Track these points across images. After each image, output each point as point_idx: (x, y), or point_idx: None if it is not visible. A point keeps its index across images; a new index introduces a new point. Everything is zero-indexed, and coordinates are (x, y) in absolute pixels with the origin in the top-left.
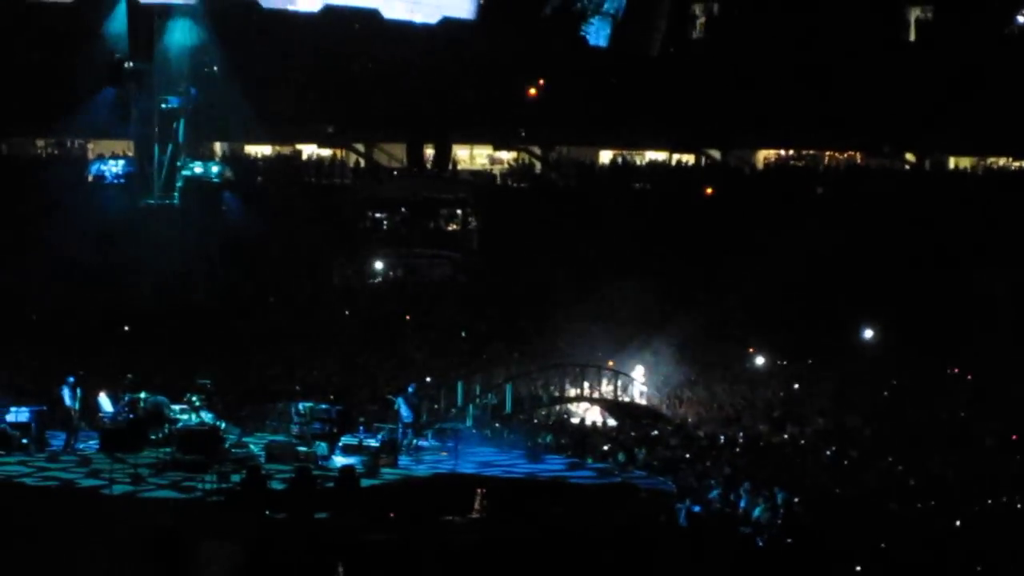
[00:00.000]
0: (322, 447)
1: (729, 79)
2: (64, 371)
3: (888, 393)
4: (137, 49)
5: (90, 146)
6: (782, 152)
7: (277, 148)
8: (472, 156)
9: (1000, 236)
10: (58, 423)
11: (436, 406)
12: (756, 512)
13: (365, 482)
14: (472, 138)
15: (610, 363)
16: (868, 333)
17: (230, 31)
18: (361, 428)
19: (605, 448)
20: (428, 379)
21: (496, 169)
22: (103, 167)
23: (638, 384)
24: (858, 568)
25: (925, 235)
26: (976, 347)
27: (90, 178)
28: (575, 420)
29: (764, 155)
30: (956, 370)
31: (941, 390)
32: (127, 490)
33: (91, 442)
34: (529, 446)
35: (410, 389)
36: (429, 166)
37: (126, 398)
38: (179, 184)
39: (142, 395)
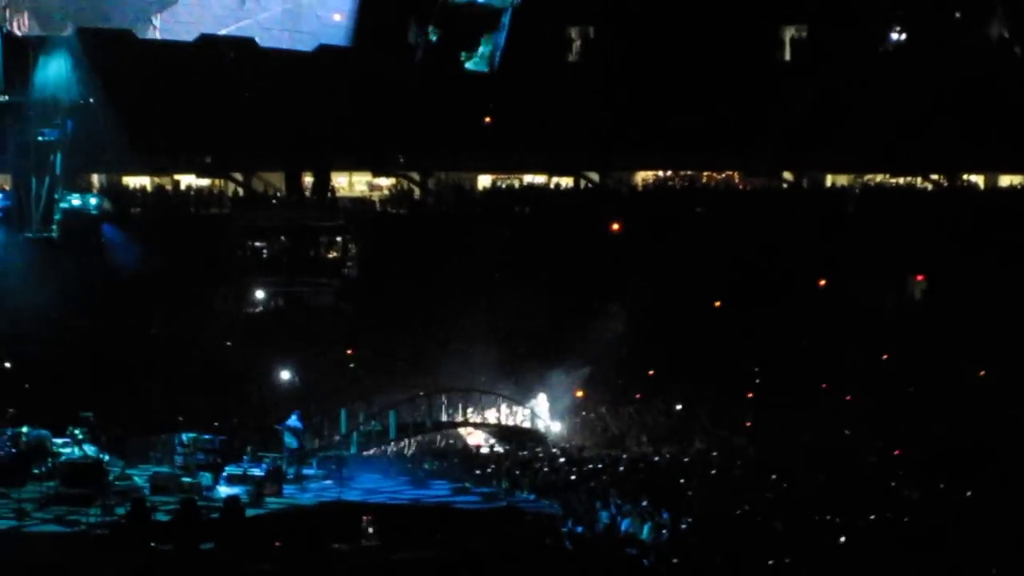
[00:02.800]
0: (206, 478)
1: (606, 102)
2: None
3: (772, 412)
4: (12, 82)
5: None
6: (660, 173)
7: (155, 179)
8: (351, 183)
9: (879, 251)
10: None
11: (320, 434)
12: (643, 534)
13: (250, 512)
14: (351, 165)
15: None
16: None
17: (106, 62)
18: (245, 458)
19: (490, 472)
20: (311, 407)
21: (375, 196)
22: None
23: (522, 408)
24: None
25: (806, 252)
26: (859, 364)
27: None
28: (459, 445)
29: (642, 176)
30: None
31: (825, 408)
32: (11, 525)
33: None
34: (414, 472)
35: (294, 417)
36: (308, 194)
37: (8, 432)
38: (57, 217)
39: (24, 429)
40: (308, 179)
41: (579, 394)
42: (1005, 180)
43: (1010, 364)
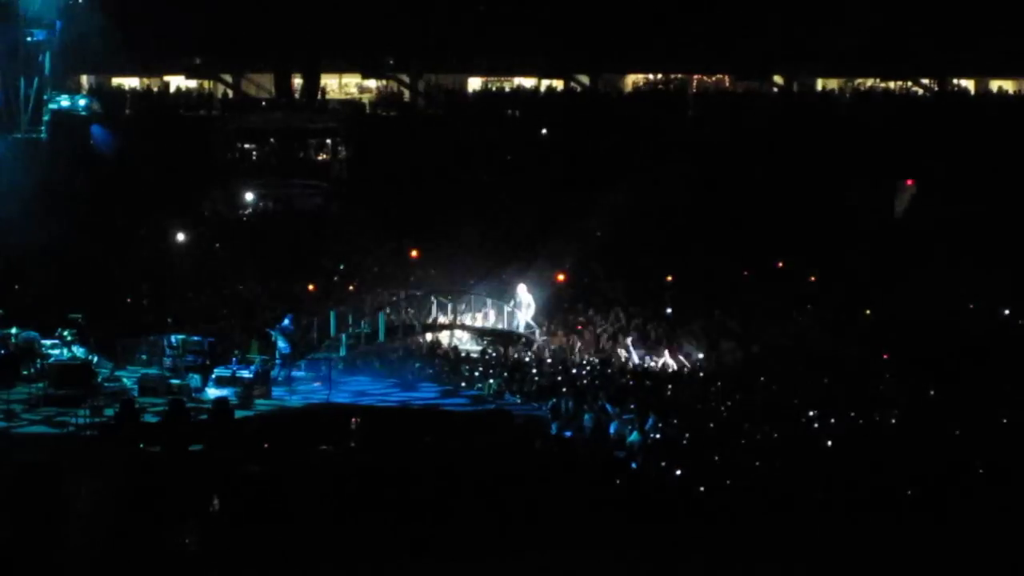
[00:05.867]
0: (195, 379)
1: (596, 4)
2: None
3: (760, 317)
4: None
5: None
6: (651, 76)
7: (145, 80)
8: (341, 85)
9: (869, 155)
10: None
11: (310, 336)
12: (630, 437)
13: (239, 413)
14: (341, 67)
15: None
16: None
17: None
18: (234, 360)
19: (478, 374)
20: (301, 309)
21: (365, 98)
22: None
23: (513, 311)
24: (729, 483)
25: (797, 156)
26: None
27: None
28: (449, 348)
29: (633, 80)
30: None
31: (811, 315)
32: (0, 426)
33: None
34: (402, 373)
35: (286, 320)
36: (298, 96)
37: None
38: (46, 118)
39: (13, 330)
40: (298, 81)
41: (560, 278)
42: (995, 85)
43: (999, 267)
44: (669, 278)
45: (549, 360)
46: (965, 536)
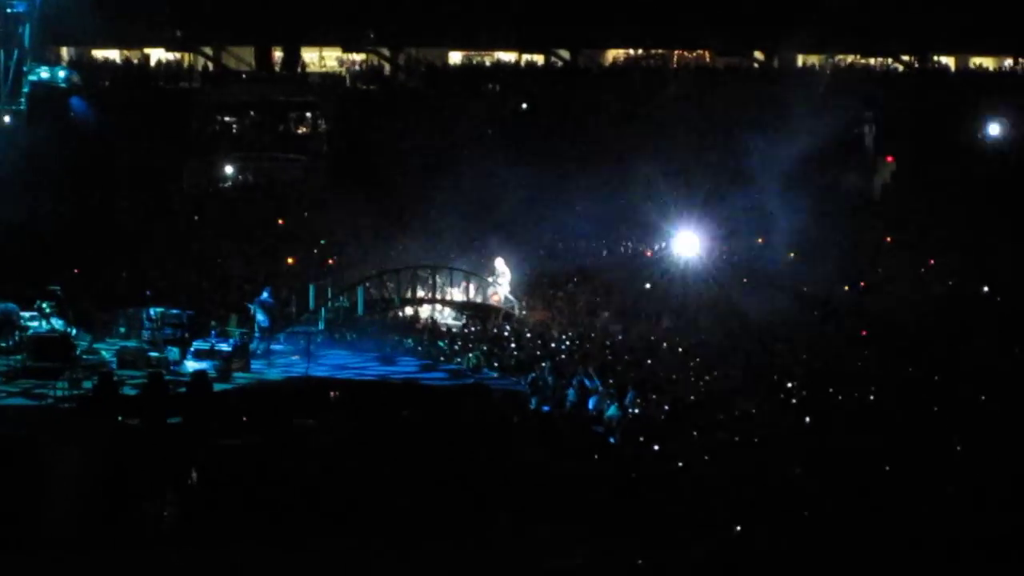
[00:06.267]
0: (174, 352)
1: None
2: None
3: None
4: None
5: None
6: (631, 51)
7: (125, 53)
8: (321, 58)
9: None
10: None
11: (289, 310)
12: (609, 412)
13: (218, 387)
14: (321, 40)
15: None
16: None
17: None
18: (213, 333)
19: (456, 348)
20: (280, 283)
21: (345, 71)
22: None
23: (492, 285)
24: (707, 459)
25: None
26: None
27: None
28: (428, 322)
29: (613, 55)
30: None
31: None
32: None
33: None
34: (381, 347)
35: (265, 294)
36: (278, 69)
37: None
38: (25, 90)
39: None
40: (278, 54)
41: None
42: (976, 61)
43: (978, 247)
44: (648, 252)
45: (528, 334)
46: (940, 514)
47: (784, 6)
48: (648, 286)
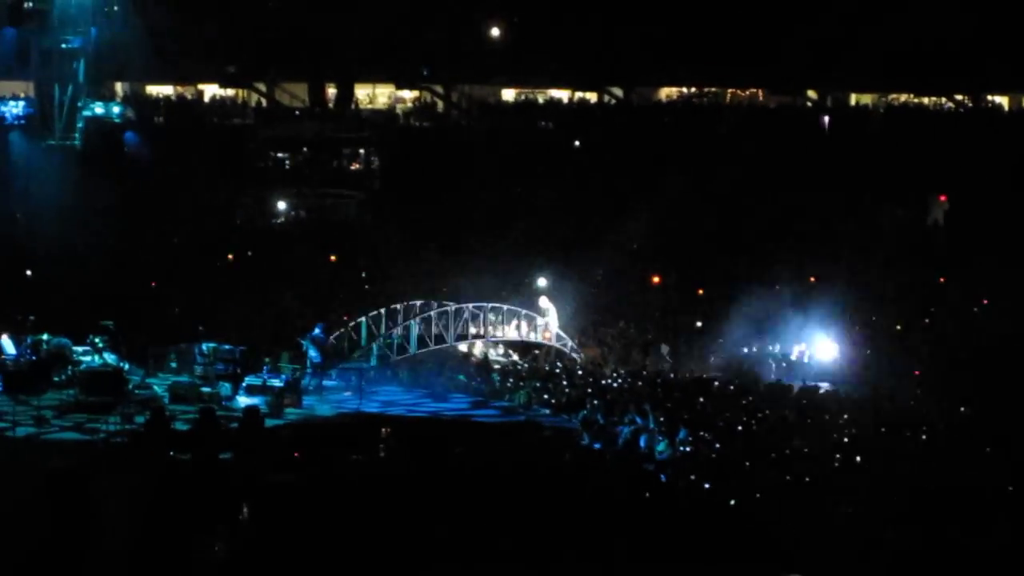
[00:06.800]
0: (226, 387)
1: (631, 16)
2: None
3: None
4: None
5: None
6: (684, 90)
7: (178, 88)
8: (374, 95)
9: (901, 172)
10: None
11: (341, 345)
12: (659, 448)
13: (269, 422)
14: (375, 77)
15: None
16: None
17: None
18: (265, 368)
19: (508, 386)
20: (332, 319)
21: (399, 108)
22: (3, 108)
23: (544, 323)
24: (759, 497)
25: (827, 172)
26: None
27: None
28: (480, 358)
29: (666, 93)
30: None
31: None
32: (30, 432)
33: None
34: (432, 384)
35: (317, 330)
36: (331, 106)
37: (29, 340)
38: (80, 125)
39: (45, 337)
40: (332, 91)
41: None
42: None
43: None
44: (700, 291)
45: (580, 371)
46: (995, 554)
47: (837, 45)
48: (699, 324)
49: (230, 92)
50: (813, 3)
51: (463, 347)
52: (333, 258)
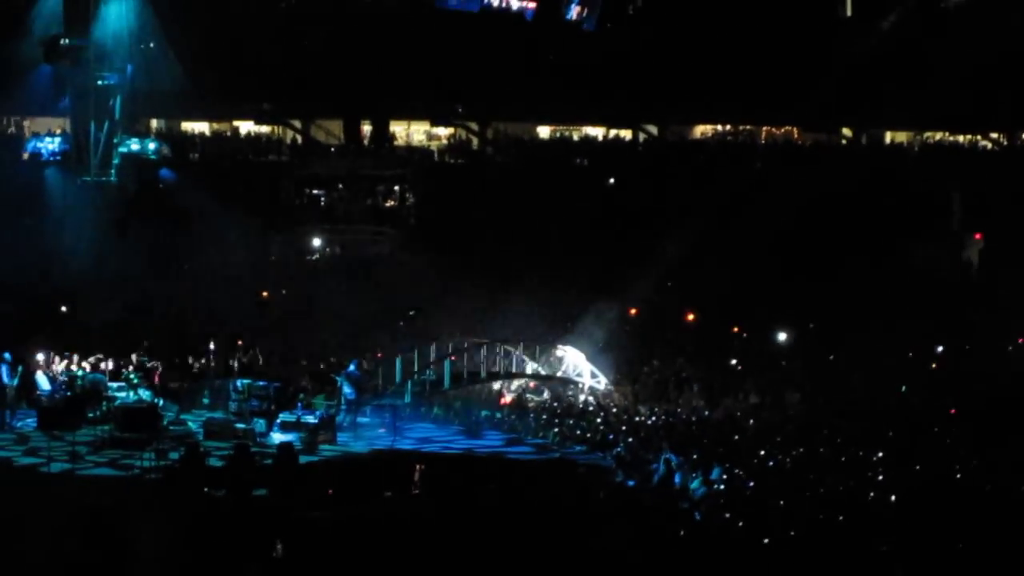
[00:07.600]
0: (260, 424)
1: (666, 54)
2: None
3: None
4: (73, 25)
5: (26, 123)
6: (719, 127)
7: (214, 125)
8: (409, 132)
9: (936, 211)
10: None
11: (375, 382)
12: (693, 486)
13: (303, 459)
14: (409, 114)
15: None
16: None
17: (166, 7)
18: (299, 405)
19: (543, 423)
20: (367, 355)
21: (433, 145)
22: (39, 144)
23: (577, 360)
24: (794, 534)
25: (863, 210)
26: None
27: (26, 156)
28: (515, 396)
29: (701, 130)
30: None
31: (879, 365)
32: (65, 468)
33: (28, 420)
34: (467, 421)
35: (351, 366)
36: (366, 142)
37: (63, 376)
38: (116, 161)
39: (79, 372)
40: (366, 128)
41: (632, 312)
42: None
43: None
44: (735, 329)
45: (614, 409)
46: None
47: (872, 83)
48: (734, 362)
49: (265, 129)
50: (848, 41)
51: (497, 384)
52: (367, 295)
